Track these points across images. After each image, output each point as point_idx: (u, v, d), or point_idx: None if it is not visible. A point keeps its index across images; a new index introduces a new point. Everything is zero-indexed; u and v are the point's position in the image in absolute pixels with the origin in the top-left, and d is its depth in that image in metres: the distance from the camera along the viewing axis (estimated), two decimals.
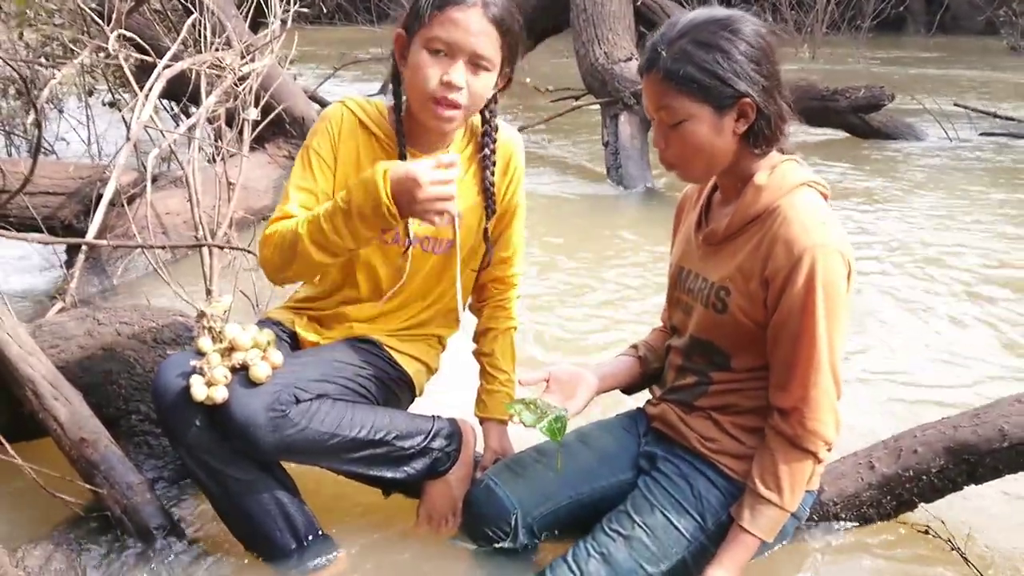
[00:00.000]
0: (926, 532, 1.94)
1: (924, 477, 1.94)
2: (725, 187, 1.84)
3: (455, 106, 1.82)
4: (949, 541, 1.88)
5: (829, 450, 1.74)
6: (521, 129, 6.25)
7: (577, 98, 6.80)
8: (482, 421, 2.14)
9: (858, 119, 6.55)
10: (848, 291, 1.67)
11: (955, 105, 7.37)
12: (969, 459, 1.92)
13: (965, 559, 1.84)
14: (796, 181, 1.74)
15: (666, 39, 1.69)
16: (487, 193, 2.01)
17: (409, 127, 1.95)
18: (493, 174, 2.00)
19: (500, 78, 1.90)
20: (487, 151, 1.99)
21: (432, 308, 2.09)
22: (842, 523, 1.99)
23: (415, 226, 1.95)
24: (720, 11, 1.72)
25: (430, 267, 2.02)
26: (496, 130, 1.99)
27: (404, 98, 1.93)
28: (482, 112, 1.96)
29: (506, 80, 1.93)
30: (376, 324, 2.05)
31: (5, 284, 3.64)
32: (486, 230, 2.04)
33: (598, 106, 6.05)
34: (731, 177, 1.79)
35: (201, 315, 1.83)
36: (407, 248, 1.97)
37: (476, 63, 1.81)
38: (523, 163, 2.06)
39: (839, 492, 1.98)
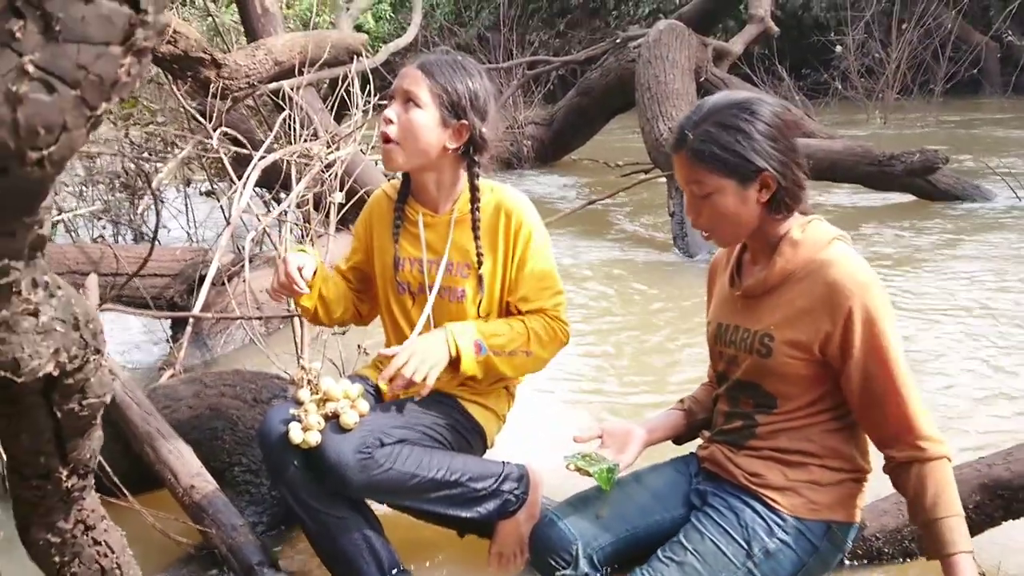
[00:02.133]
0: None
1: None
2: (754, 248, 2.04)
3: (387, 139, 2.13)
4: (982, 574, 1.99)
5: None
6: (592, 202, 6.53)
7: (645, 172, 7.05)
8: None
9: (925, 182, 6.63)
10: None
11: None
12: (1003, 495, 2.04)
13: None
14: (830, 235, 1.94)
15: (691, 122, 1.92)
16: (475, 245, 2.21)
17: (414, 188, 2.27)
18: (478, 229, 2.20)
19: (451, 131, 2.15)
20: (474, 210, 2.21)
21: None
22: (886, 559, 2.11)
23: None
24: (740, 94, 1.95)
25: (452, 315, 2.23)
26: (476, 190, 2.20)
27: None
28: (470, 179, 2.21)
29: (463, 134, 2.16)
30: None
31: (116, 359, 4.00)
32: (480, 276, 2.22)
33: (664, 179, 6.28)
34: (759, 239, 2.00)
35: (301, 369, 2.09)
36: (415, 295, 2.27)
37: (406, 100, 2.12)
38: (529, 219, 2.21)
39: (881, 528, 2.12)
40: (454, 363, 2.11)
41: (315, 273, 2.21)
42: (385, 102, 2.24)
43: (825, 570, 2.03)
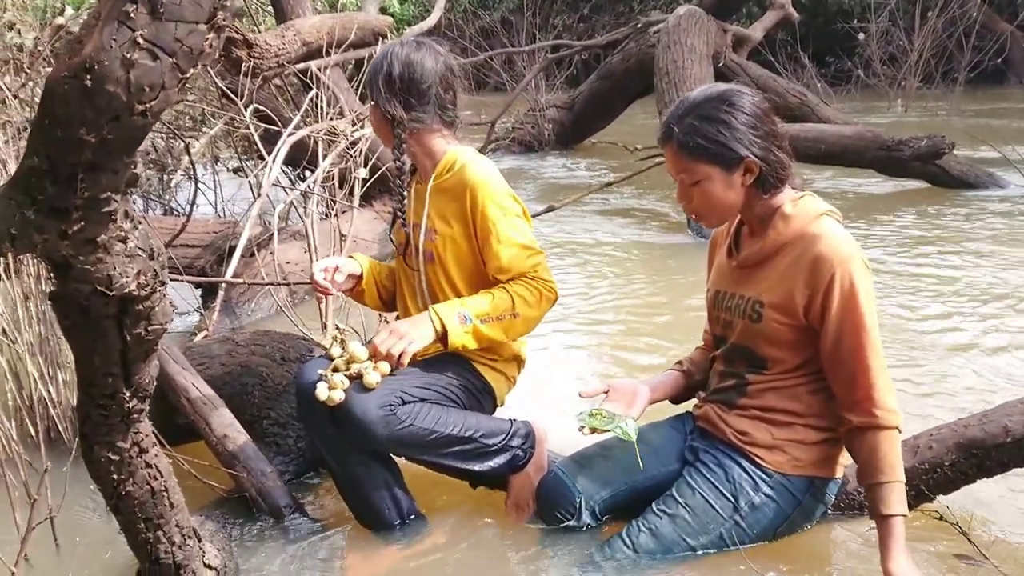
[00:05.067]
0: (939, 519, 2.20)
1: (938, 470, 2.22)
2: (750, 222, 2.20)
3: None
4: (956, 524, 2.14)
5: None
6: (609, 184, 6.67)
7: (661, 155, 7.16)
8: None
9: (938, 168, 6.73)
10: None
11: None
12: (977, 453, 2.19)
13: (968, 538, 2.10)
14: (819, 211, 2.10)
15: (676, 116, 2.09)
16: (395, 209, 2.48)
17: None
18: (402, 189, 2.44)
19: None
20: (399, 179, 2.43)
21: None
22: (867, 512, 2.27)
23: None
24: (720, 87, 2.12)
25: (430, 275, 2.41)
26: (398, 160, 2.40)
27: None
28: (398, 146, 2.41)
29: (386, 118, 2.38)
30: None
31: None
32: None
33: None
34: (754, 215, 2.16)
35: (336, 328, 2.28)
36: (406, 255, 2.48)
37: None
38: (489, 189, 2.33)
39: None
40: (443, 339, 2.27)
41: (360, 276, 2.48)
42: None
43: (808, 521, 2.20)
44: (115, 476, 1.47)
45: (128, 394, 1.26)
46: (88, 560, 2.27)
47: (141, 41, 0.74)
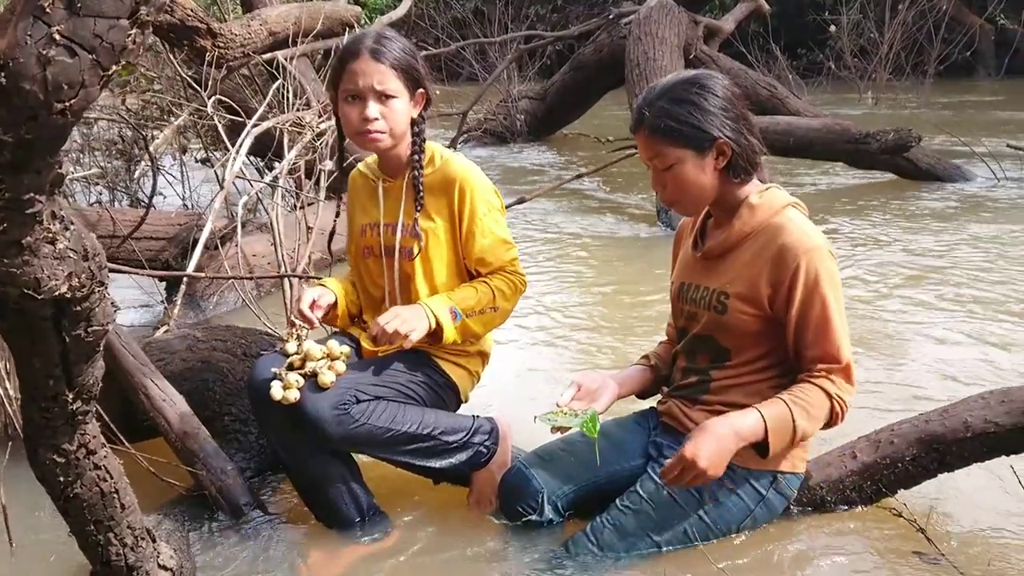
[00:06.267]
0: (898, 515, 2.21)
1: (899, 464, 2.23)
2: (717, 214, 2.19)
3: (380, 132, 2.26)
4: (914, 522, 2.15)
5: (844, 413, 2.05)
6: (580, 176, 6.66)
7: (634, 147, 7.16)
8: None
9: (906, 161, 6.78)
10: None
11: (1008, 147, 7.52)
12: (938, 448, 2.20)
13: (925, 536, 2.12)
14: (784, 202, 2.10)
15: (647, 101, 2.07)
16: (416, 198, 2.34)
17: (381, 162, 2.42)
18: (420, 182, 2.33)
19: (415, 100, 2.30)
20: (416, 172, 2.33)
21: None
22: (829, 506, 2.28)
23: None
24: (690, 72, 2.11)
25: (407, 272, 2.36)
26: (421, 152, 2.33)
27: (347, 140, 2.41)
28: (413, 138, 2.34)
29: (424, 100, 2.32)
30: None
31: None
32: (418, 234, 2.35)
33: None
34: (721, 205, 2.15)
35: (291, 324, 2.24)
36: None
37: (381, 96, 2.23)
38: (477, 184, 2.33)
39: (826, 478, 2.28)
40: (435, 334, 2.26)
41: (335, 302, 2.39)
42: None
43: (771, 517, 2.20)
44: (61, 479, 1.43)
45: (71, 396, 1.23)
46: (45, 558, 2.23)
47: (58, 37, 0.71)
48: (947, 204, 6.30)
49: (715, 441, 1.95)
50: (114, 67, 0.73)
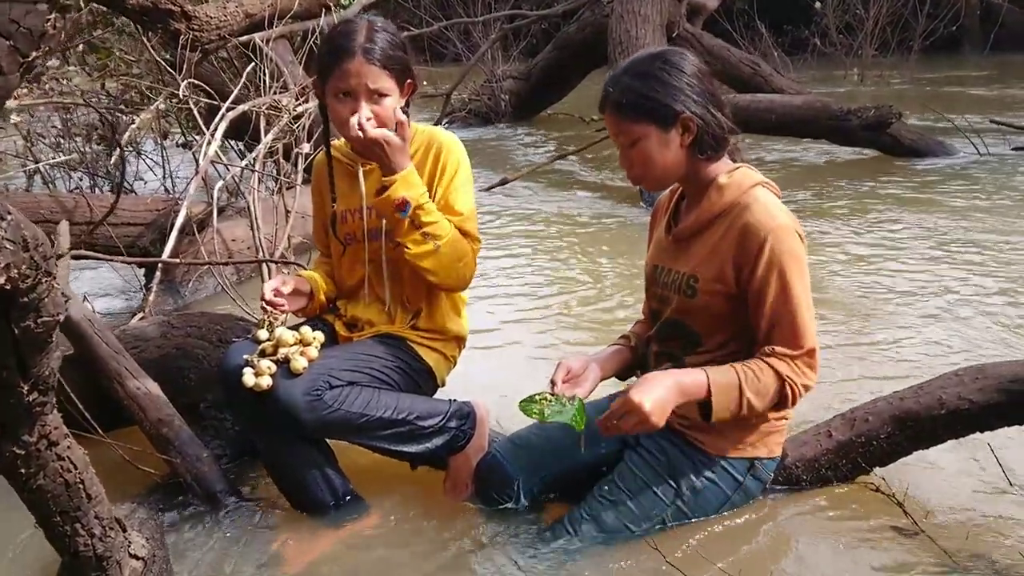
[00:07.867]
0: (876, 490, 2.21)
1: (874, 442, 2.23)
2: (689, 192, 2.17)
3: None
4: (892, 496, 2.16)
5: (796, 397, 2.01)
6: (563, 156, 6.63)
7: None
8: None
9: (889, 137, 6.77)
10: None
11: (991, 122, 7.52)
12: (912, 425, 2.20)
13: (903, 509, 2.12)
14: (753, 181, 2.08)
15: (612, 78, 2.05)
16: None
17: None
18: None
19: (403, 92, 2.28)
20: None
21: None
22: (804, 485, 2.28)
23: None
24: (655, 49, 2.10)
25: (393, 254, 2.33)
26: (400, 126, 2.23)
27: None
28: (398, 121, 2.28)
29: (412, 89, 2.31)
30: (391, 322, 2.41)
31: (91, 306, 4.11)
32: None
33: None
34: (692, 183, 2.13)
35: (263, 309, 2.23)
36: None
37: (374, 95, 2.20)
38: (457, 159, 2.34)
39: (801, 457, 2.28)
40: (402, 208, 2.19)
41: (311, 293, 2.39)
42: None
43: (748, 498, 2.19)
44: (23, 470, 1.42)
45: (26, 388, 1.21)
46: (16, 550, 2.22)
47: None
48: (927, 179, 6.29)
49: (662, 390, 1.93)
50: (34, 53, 0.71)
